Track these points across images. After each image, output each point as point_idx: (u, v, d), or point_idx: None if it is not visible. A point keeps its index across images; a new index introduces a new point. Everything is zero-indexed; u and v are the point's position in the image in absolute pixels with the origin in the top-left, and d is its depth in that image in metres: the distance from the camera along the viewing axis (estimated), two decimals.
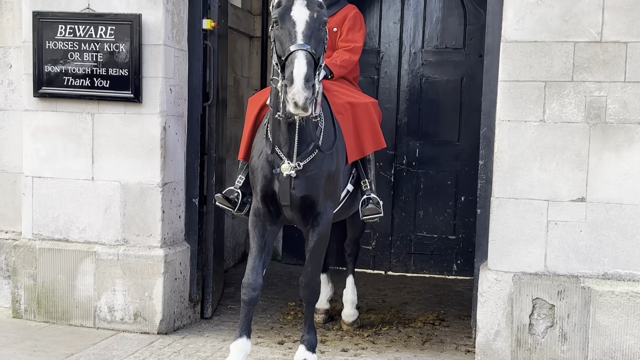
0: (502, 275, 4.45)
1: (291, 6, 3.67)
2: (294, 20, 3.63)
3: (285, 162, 3.99)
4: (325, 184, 4.15)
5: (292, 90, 3.47)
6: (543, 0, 4.29)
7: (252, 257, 4.17)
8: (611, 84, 4.24)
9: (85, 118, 5.02)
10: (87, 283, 5.04)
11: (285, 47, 3.62)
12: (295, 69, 3.49)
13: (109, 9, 4.90)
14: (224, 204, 4.49)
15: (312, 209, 4.16)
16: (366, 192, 4.58)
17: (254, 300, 4.10)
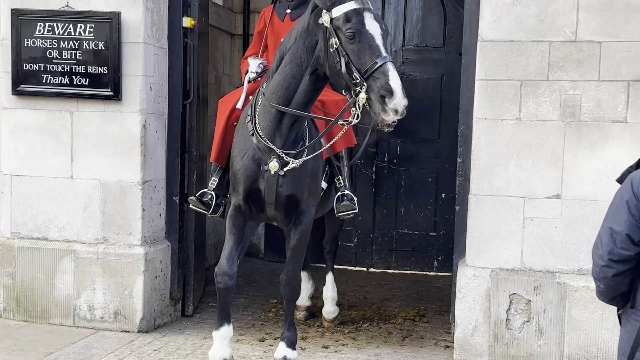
0: (480, 271, 4.51)
1: (364, 20, 3.70)
2: (372, 34, 3.67)
3: (273, 160, 4.02)
4: (310, 182, 4.20)
5: (393, 100, 3.52)
6: (519, 0, 4.35)
7: (228, 246, 4.20)
8: (585, 82, 4.30)
9: (64, 116, 5.00)
10: (66, 282, 5.03)
11: (368, 60, 3.62)
12: (391, 80, 3.54)
13: (88, 7, 4.89)
14: (198, 206, 4.51)
15: (295, 207, 4.20)
16: (340, 189, 4.62)
17: (229, 288, 4.15)
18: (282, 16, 4.90)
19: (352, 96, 3.69)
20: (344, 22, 3.69)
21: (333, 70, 3.77)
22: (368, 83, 3.60)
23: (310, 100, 4.07)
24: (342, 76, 3.70)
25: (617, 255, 2.56)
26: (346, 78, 3.68)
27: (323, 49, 3.79)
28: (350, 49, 3.68)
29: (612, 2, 4.24)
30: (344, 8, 3.71)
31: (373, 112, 3.62)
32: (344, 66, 3.68)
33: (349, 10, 3.70)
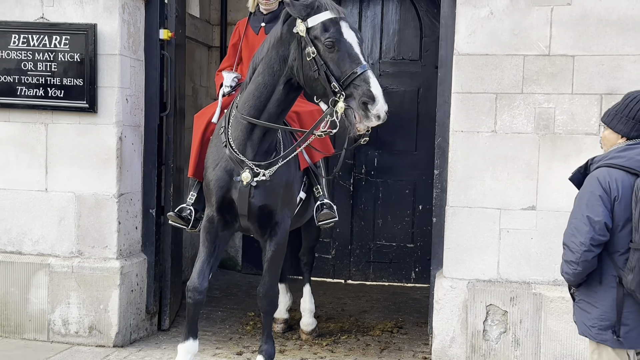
0: (457, 282, 4.53)
1: (341, 29, 3.74)
2: (350, 43, 3.71)
3: (245, 171, 4.02)
4: (284, 193, 4.19)
5: (376, 106, 3.57)
6: (493, 14, 4.41)
7: (200, 260, 4.20)
8: (559, 95, 4.37)
9: (38, 128, 4.95)
10: (40, 296, 4.96)
11: (347, 69, 3.65)
12: (373, 87, 3.59)
13: (63, 19, 4.86)
14: (177, 221, 4.50)
15: (269, 219, 4.19)
16: (319, 198, 4.63)
17: (199, 303, 4.17)
18: (257, 29, 4.91)
19: (329, 106, 3.70)
20: (321, 31, 3.72)
21: (309, 80, 3.79)
22: (348, 91, 3.63)
23: (283, 110, 4.07)
24: (320, 85, 3.73)
25: (597, 241, 2.99)
26: (325, 87, 3.71)
27: (298, 58, 3.81)
28: (330, 58, 3.71)
29: (584, 16, 4.32)
30: (321, 18, 3.74)
31: (349, 122, 3.65)
32: (323, 75, 3.70)
33: (326, 19, 3.73)
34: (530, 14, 4.37)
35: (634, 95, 3.14)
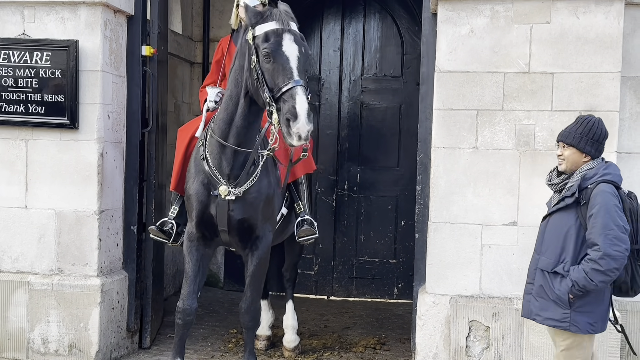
0: (440, 298, 4.54)
1: (282, 41, 3.72)
2: (287, 56, 3.69)
3: (222, 185, 4.01)
4: (263, 207, 4.18)
5: (296, 124, 3.53)
6: (474, 32, 4.46)
7: (187, 281, 4.19)
8: (539, 112, 4.42)
9: (19, 144, 4.91)
10: (19, 314, 4.89)
11: (280, 82, 3.65)
12: (297, 104, 3.55)
13: (45, 35, 4.84)
14: (159, 235, 4.48)
15: (250, 233, 4.18)
16: (300, 214, 4.64)
17: (189, 324, 4.18)
18: None
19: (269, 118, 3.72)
20: (262, 41, 3.74)
21: (253, 88, 3.82)
22: (278, 105, 3.63)
23: (250, 124, 4.02)
24: (259, 95, 3.75)
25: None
26: (261, 96, 3.72)
27: (247, 67, 3.84)
28: (266, 69, 3.73)
29: (563, 34, 4.39)
30: (265, 27, 3.76)
31: (283, 134, 3.65)
32: (258, 85, 3.73)
33: (269, 30, 3.75)
34: (510, 32, 4.43)
35: (592, 119, 3.52)
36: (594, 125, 3.48)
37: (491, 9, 4.45)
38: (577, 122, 3.53)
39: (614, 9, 4.35)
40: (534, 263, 3.59)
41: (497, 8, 4.44)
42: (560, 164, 3.53)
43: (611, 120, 4.36)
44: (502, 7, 4.44)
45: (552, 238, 3.50)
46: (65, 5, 4.82)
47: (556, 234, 3.48)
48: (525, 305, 3.63)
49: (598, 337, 3.78)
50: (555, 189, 3.57)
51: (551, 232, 3.51)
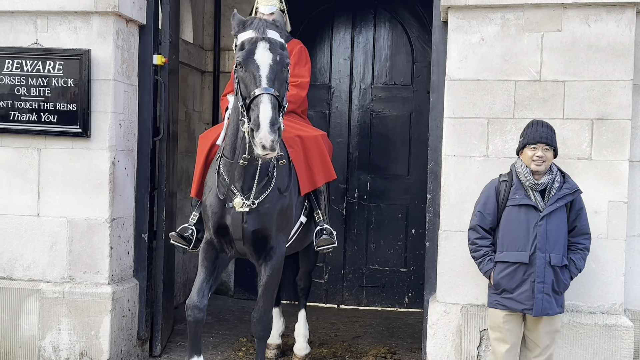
0: (451, 307, 4.52)
1: (255, 49, 3.72)
2: (258, 64, 3.69)
3: (237, 197, 4.01)
4: (277, 218, 4.18)
5: (259, 134, 3.52)
6: (485, 41, 4.46)
7: (199, 279, 4.17)
8: (550, 120, 4.37)
9: (31, 153, 4.94)
10: (31, 322, 4.90)
11: (250, 90, 3.66)
12: (261, 114, 3.53)
13: (57, 44, 4.88)
14: (179, 241, 4.47)
15: (264, 243, 4.18)
16: (319, 223, 4.62)
17: (199, 321, 4.11)
18: None
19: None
20: (239, 49, 3.77)
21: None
22: (249, 114, 3.64)
23: None
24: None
25: None
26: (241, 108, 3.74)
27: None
28: (240, 77, 3.76)
29: (575, 42, 4.38)
30: (244, 36, 3.79)
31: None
32: (240, 95, 3.75)
33: (245, 38, 3.77)
34: (521, 40, 4.43)
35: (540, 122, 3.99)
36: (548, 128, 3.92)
37: (502, 17, 4.45)
38: (544, 126, 3.91)
39: (626, 17, 4.34)
40: (541, 261, 3.81)
41: (508, 16, 4.44)
42: (539, 165, 3.84)
43: (623, 128, 4.35)
44: (512, 15, 4.43)
45: (556, 235, 3.85)
46: (78, 14, 4.86)
47: (557, 231, 3.85)
48: (538, 304, 3.82)
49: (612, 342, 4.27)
50: (540, 188, 3.87)
51: (553, 230, 3.84)
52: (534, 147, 3.87)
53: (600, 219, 4.37)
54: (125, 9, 4.87)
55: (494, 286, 3.98)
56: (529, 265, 3.85)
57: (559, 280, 3.87)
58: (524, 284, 3.86)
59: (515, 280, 3.88)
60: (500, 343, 3.98)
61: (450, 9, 4.50)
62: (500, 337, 3.98)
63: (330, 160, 4.91)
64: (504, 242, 3.94)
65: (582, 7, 4.36)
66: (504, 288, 3.91)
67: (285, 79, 3.83)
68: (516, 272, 3.88)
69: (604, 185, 4.36)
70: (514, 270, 3.88)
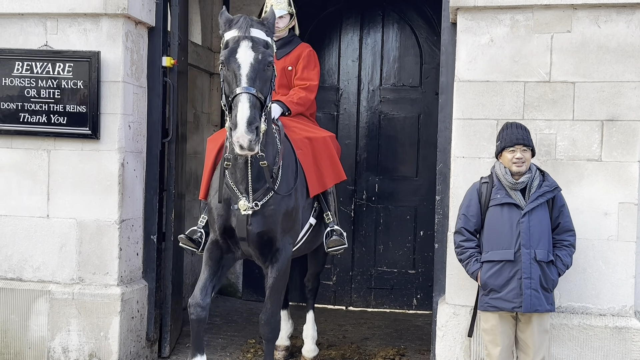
0: (460, 309, 4.50)
1: (237, 48, 3.71)
2: (239, 63, 3.67)
3: (242, 199, 4.01)
4: (283, 220, 4.17)
5: (236, 133, 3.53)
6: (494, 42, 4.45)
7: (202, 278, 4.17)
8: (560, 122, 4.39)
9: (41, 155, 4.97)
10: (40, 323, 4.92)
11: (232, 89, 3.67)
12: (238, 113, 3.54)
13: (67, 46, 4.90)
14: (188, 244, 4.47)
15: (270, 245, 4.17)
16: (329, 225, 4.62)
17: (202, 319, 4.10)
18: None
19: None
20: (223, 48, 3.77)
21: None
22: (231, 114, 3.63)
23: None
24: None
25: None
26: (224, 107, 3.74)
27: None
28: (223, 76, 3.76)
29: (584, 44, 4.36)
30: (228, 35, 3.80)
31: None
32: (224, 94, 3.75)
33: (229, 37, 3.77)
34: (530, 41, 4.41)
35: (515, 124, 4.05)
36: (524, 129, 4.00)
37: (511, 18, 4.43)
38: (519, 127, 3.99)
39: (636, 18, 4.31)
40: (526, 257, 3.86)
41: (518, 17, 4.43)
42: (520, 166, 3.92)
43: (633, 129, 4.32)
44: (522, 16, 4.42)
45: (539, 232, 3.89)
46: (87, 16, 4.88)
47: (540, 227, 3.90)
48: (527, 300, 3.87)
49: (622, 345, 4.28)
50: (520, 187, 3.94)
51: (536, 226, 3.89)
52: (513, 150, 3.93)
53: (611, 221, 4.35)
54: (135, 11, 4.89)
55: (482, 287, 4.00)
56: (514, 263, 3.88)
57: (546, 276, 3.89)
58: (511, 282, 3.88)
59: (502, 279, 3.90)
60: (493, 345, 4.01)
61: (459, 10, 4.49)
62: (493, 340, 4.01)
63: (339, 161, 4.91)
64: (489, 242, 3.97)
65: (592, 8, 4.34)
66: (491, 287, 3.93)
67: (269, 78, 3.80)
68: (502, 270, 3.90)
69: (614, 187, 4.34)
70: (500, 268, 3.91)
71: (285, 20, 5.03)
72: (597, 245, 4.36)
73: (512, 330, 4.02)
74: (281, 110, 4.70)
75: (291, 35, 5.13)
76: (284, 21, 5.01)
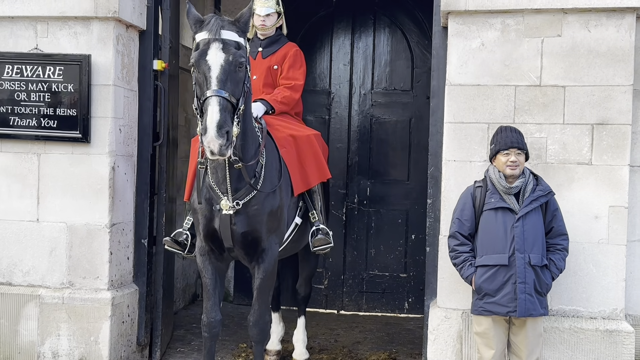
0: (451, 312, 4.50)
1: (207, 50, 3.66)
2: (210, 65, 3.62)
3: (224, 199, 3.98)
4: (267, 219, 4.12)
5: (206, 138, 3.48)
6: (485, 46, 4.46)
7: (207, 295, 4.20)
8: (551, 125, 4.40)
9: (31, 158, 4.94)
10: (30, 328, 4.89)
11: (204, 91, 3.62)
12: (208, 117, 3.49)
13: (57, 50, 4.88)
14: (173, 247, 4.45)
15: (255, 245, 4.14)
16: (315, 224, 4.58)
17: (215, 335, 4.19)
18: (254, 54, 4.96)
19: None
20: (194, 50, 3.73)
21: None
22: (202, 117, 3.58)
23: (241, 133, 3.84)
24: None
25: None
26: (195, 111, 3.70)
27: None
28: (195, 78, 3.73)
29: (575, 48, 4.38)
30: (199, 37, 3.75)
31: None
32: (196, 97, 3.70)
33: (200, 39, 3.73)
34: (521, 45, 4.43)
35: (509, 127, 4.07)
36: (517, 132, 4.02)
37: (502, 23, 4.45)
38: (513, 131, 4.01)
39: (626, 22, 4.34)
40: (520, 262, 3.86)
41: (508, 21, 4.44)
42: (514, 169, 3.93)
43: (623, 133, 4.35)
44: (512, 20, 4.44)
45: (534, 236, 3.90)
46: (78, 20, 4.87)
47: (534, 232, 3.91)
48: (521, 305, 3.87)
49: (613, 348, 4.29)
50: (514, 192, 3.94)
51: (530, 231, 3.89)
52: (507, 153, 3.95)
53: (601, 224, 4.37)
54: (126, 15, 4.88)
55: (476, 291, 4.00)
56: (508, 267, 3.89)
57: (540, 281, 3.90)
58: (506, 287, 3.89)
59: (497, 283, 3.90)
60: (487, 348, 4.01)
61: (451, 14, 4.50)
62: (486, 343, 4.01)
63: (325, 160, 4.90)
64: (483, 246, 3.98)
65: (582, 13, 4.37)
66: (485, 292, 3.94)
67: (241, 79, 3.73)
68: (497, 275, 3.91)
69: (604, 190, 4.36)
70: (494, 272, 3.91)
71: (272, 19, 5.00)
72: (587, 249, 4.38)
73: (505, 333, 4.02)
74: (265, 109, 4.66)
75: (278, 34, 5.11)
76: (271, 20, 4.99)
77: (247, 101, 3.91)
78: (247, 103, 3.92)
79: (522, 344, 3.98)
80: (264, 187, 4.07)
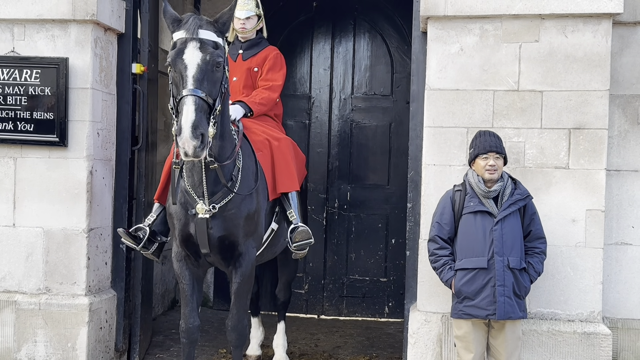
0: (431, 316, 4.52)
1: (184, 49, 3.62)
2: (186, 64, 3.59)
3: (200, 203, 3.94)
4: (244, 223, 4.07)
5: (181, 139, 3.44)
6: (464, 51, 4.49)
7: (185, 301, 4.15)
8: (529, 130, 4.44)
9: (7, 162, 4.88)
10: (6, 334, 4.82)
11: (180, 90, 3.58)
12: (183, 117, 3.45)
13: (34, 53, 4.83)
14: (126, 239, 4.33)
15: (232, 250, 4.09)
16: (293, 222, 4.48)
17: (194, 341, 4.17)
18: (235, 57, 4.95)
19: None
20: (171, 49, 3.70)
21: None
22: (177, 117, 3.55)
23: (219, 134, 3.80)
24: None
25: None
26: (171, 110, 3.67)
27: None
28: (172, 77, 3.70)
29: (552, 53, 4.43)
30: (176, 36, 3.72)
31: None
32: (172, 97, 3.66)
33: (177, 39, 3.70)
34: (499, 50, 4.47)
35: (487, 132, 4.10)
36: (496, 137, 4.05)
37: (480, 28, 4.49)
38: (491, 135, 4.04)
39: (602, 28, 4.40)
40: (499, 265, 3.90)
41: (487, 27, 4.48)
42: (492, 174, 3.96)
43: (600, 137, 4.40)
44: (491, 26, 4.48)
45: (512, 239, 3.94)
46: (56, 23, 4.82)
47: (513, 235, 3.95)
48: (500, 308, 3.90)
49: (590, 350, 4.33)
50: (492, 195, 3.98)
51: (508, 234, 3.93)
52: (486, 157, 3.98)
53: (578, 228, 4.41)
54: (104, 17, 4.84)
55: (455, 294, 4.03)
56: (488, 270, 3.91)
57: (519, 283, 3.94)
58: (485, 290, 3.91)
59: (476, 286, 3.93)
60: (466, 352, 4.03)
61: (430, 19, 4.53)
62: (466, 347, 4.03)
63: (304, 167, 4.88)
64: (463, 250, 4.00)
65: (559, 18, 4.42)
66: (465, 295, 3.96)
67: (218, 79, 3.69)
68: (476, 278, 3.93)
69: (581, 194, 4.41)
70: (474, 276, 3.94)
71: (252, 22, 4.99)
72: (565, 252, 4.42)
73: (485, 337, 4.04)
74: (244, 111, 4.63)
75: (259, 37, 5.10)
76: (251, 22, 4.98)
77: (225, 102, 3.87)
78: (225, 104, 3.88)
79: (501, 347, 4.00)
80: (240, 190, 4.02)
